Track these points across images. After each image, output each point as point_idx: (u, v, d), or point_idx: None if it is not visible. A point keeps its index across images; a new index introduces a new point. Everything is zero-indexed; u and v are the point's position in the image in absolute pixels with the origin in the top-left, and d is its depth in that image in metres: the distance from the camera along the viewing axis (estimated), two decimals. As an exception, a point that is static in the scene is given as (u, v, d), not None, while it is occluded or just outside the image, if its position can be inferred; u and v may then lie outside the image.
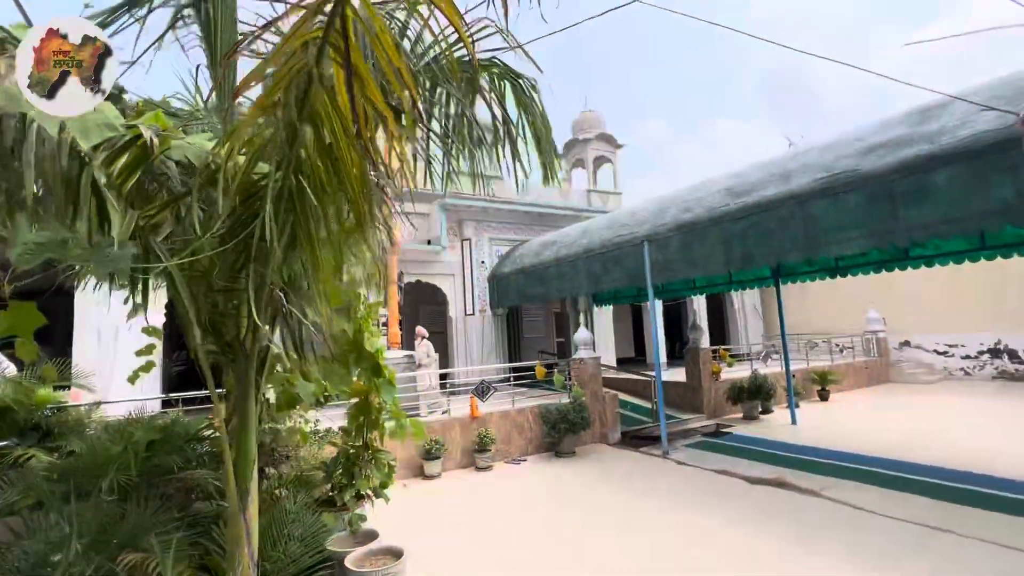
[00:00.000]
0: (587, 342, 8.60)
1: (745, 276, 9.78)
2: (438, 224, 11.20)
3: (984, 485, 5.26)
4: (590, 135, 18.37)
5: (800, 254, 5.74)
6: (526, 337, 16.31)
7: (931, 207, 4.67)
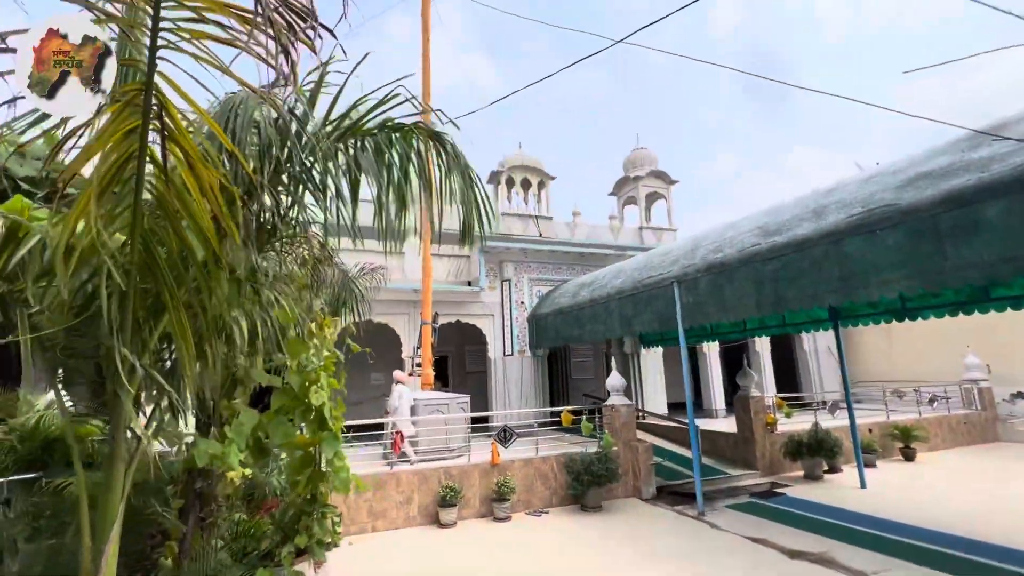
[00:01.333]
0: (619, 387, 8.19)
1: (798, 318, 8.96)
2: (477, 265, 11.39)
3: (1092, 583, 4.26)
4: (641, 172, 18.15)
5: (837, 297, 5.17)
6: (574, 379, 15.91)
7: (984, 244, 4.06)
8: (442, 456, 7.67)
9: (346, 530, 6.12)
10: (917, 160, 4.95)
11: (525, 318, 11.84)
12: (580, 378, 15.70)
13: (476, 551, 5.60)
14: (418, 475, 6.72)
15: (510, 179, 16.50)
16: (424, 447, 7.74)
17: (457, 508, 6.62)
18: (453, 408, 8.45)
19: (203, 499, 2.42)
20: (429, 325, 9.22)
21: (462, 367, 15.81)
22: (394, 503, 6.53)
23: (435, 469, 6.85)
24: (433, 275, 11.33)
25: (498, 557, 5.40)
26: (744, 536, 5.76)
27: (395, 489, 6.57)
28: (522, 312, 11.84)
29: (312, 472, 2.66)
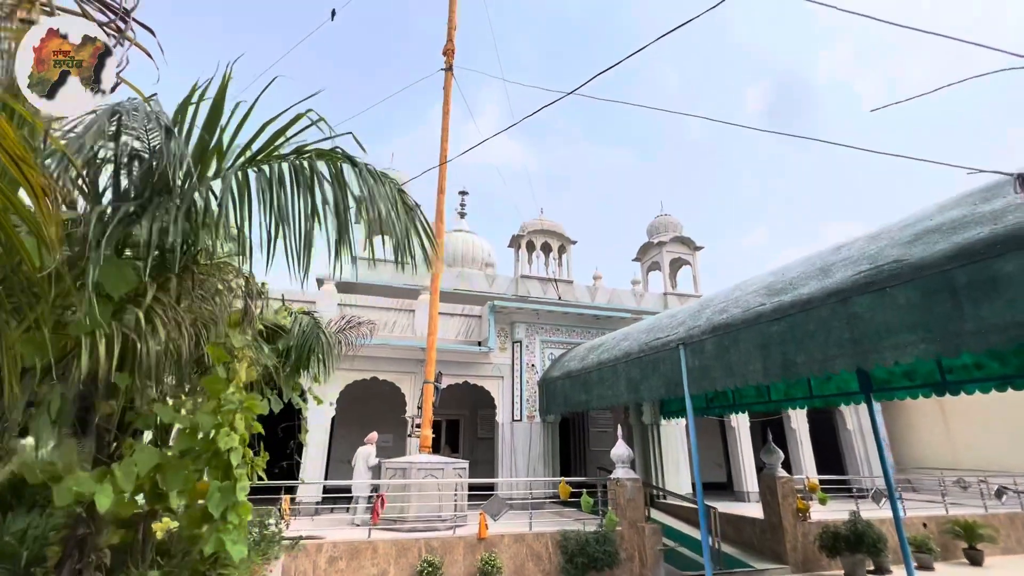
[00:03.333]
0: (625, 459, 7.57)
1: (827, 389, 8.19)
2: (487, 325, 11.23)
3: None
4: (665, 238, 18.06)
5: (848, 362, 4.66)
6: (592, 450, 15.00)
7: (1007, 304, 3.60)
8: (432, 526, 7.13)
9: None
10: (927, 215, 4.61)
11: (536, 381, 11.40)
12: (599, 449, 14.76)
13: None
14: (397, 545, 6.22)
15: (530, 243, 16.71)
16: (412, 515, 7.24)
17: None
18: (448, 474, 7.97)
19: (82, 550, 2.21)
20: (431, 384, 8.97)
21: (474, 432, 15.22)
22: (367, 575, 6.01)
23: (415, 540, 6.34)
24: (442, 333, 11.23)
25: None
26: (759, 645, 4.89)
27: (370, 560, 6.08)
28: (533, 375, 11.43)
29: (217, 528, 2.42)
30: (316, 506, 9.08)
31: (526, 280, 15.82)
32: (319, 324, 4.44)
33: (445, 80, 11.21)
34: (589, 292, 16.36)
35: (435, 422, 12.48)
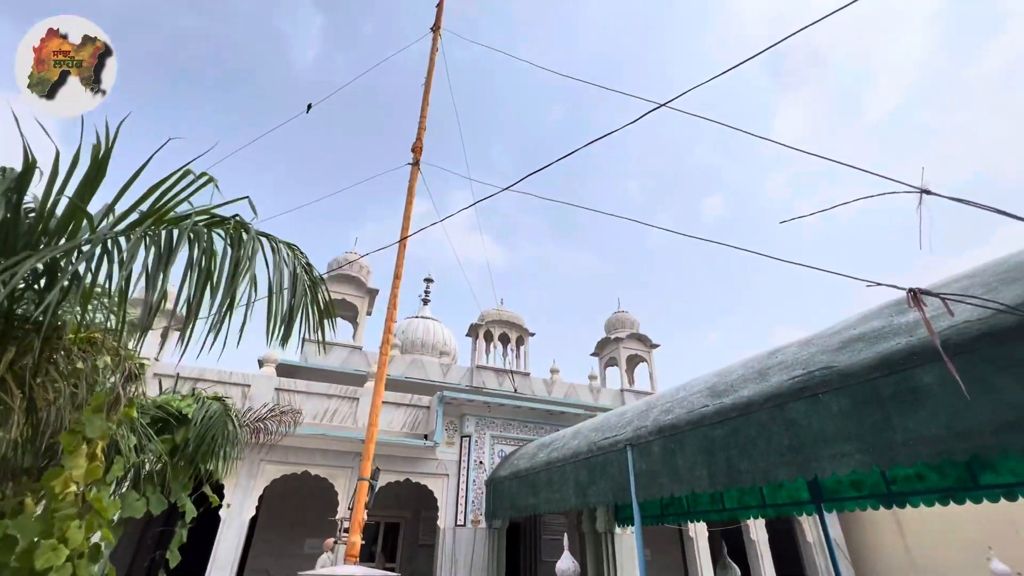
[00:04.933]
0: (570, 574, 6.88)
1: (780, 497, 7.95)
2: (435, 417, 10.68)
3: None
4: (622, 334, 18.33)
5: (789, 471, 4.53)
6: (544, 561, 13.80)
7: (929, 416, 3.63)
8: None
9: None
10: (851, 323, 4.79)
11: (484, 481, 10.66)
12: (551, 560, 13.57)
13: None
14: None
15: (488, 333, 16.60)
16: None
17: None
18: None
19: None
20: (366, 481, 8.21)
21: (415, 538, 13.83)
22: None
23: None
24: (386, 425, 10.59)
25: None
26: None
27: None
28: (481, 473, 10.71)
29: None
30: (216, 630, 7.74)
31: (482, 371, 15.47)
32: (228, 411, 4.03)
33: (411, 174, 11.69)
34: (546, 385, 16.07)
35: (371, 525, 11.35)
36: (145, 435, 3.26)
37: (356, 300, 14.86)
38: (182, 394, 4.19)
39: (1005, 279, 3.54)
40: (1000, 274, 3.65)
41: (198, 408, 4.04)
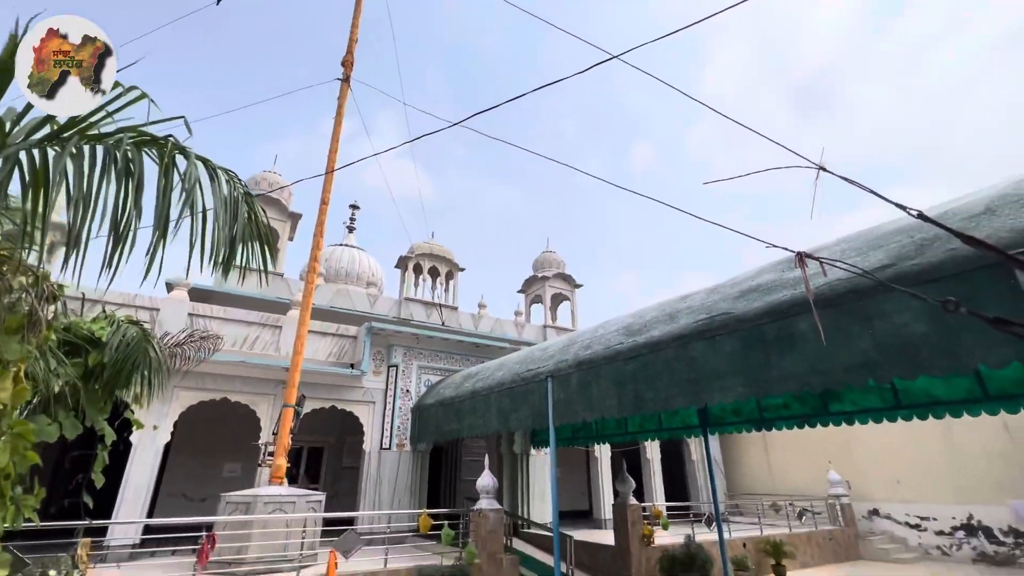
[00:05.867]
0: (490, 489, 7.60)
1: (674, 423, 9.10)
2: (362, 347, 10.73)
3: None
4: (548, 273, 18.96)
5: (685, 400, 5.24)
6: (464, 480, 14.82)
7: (800, 356, 4.33)
8: (274, 568, 6.43)
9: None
10: (750, 275, 5.43)
11: (410, 408, 11.07)
12: (471, 479, 14.63)
13: None
14: (226, 594, 5.50)
15: (418, 266, 16.49)
16: (252, 556, 6.47)
17: (269, 638, 5.39)
18: (300, 507, 7.32)
19: None
20: (292, 408, 8.25)
21: (339, 461, 14.24)
22: (185, 632, 5.20)
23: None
24: (311, 353, 10.50)
25: None
26: (597, 671, 5.10)
27: (190, 613, 5.28)
28: (407, 401, 11.09)
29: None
30: (133, 549, 7.72)
31: (410, 303, 15.51)
32: (148, 336, 3.86)
33: (341, 91, 10.85)
34: (473, 320, 16.51)
35: (295, 450, 11.48)
36: (55, 359, 3.08)
37: (277, 224, 14.01)
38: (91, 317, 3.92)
39: (872, 246, 4.18)
40: (869, 241, 4.29)
41: (112, 332, 3.82)
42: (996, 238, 3.26)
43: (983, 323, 3.33)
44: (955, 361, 3.39)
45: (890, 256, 3.90)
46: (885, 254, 3.95)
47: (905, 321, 3.68)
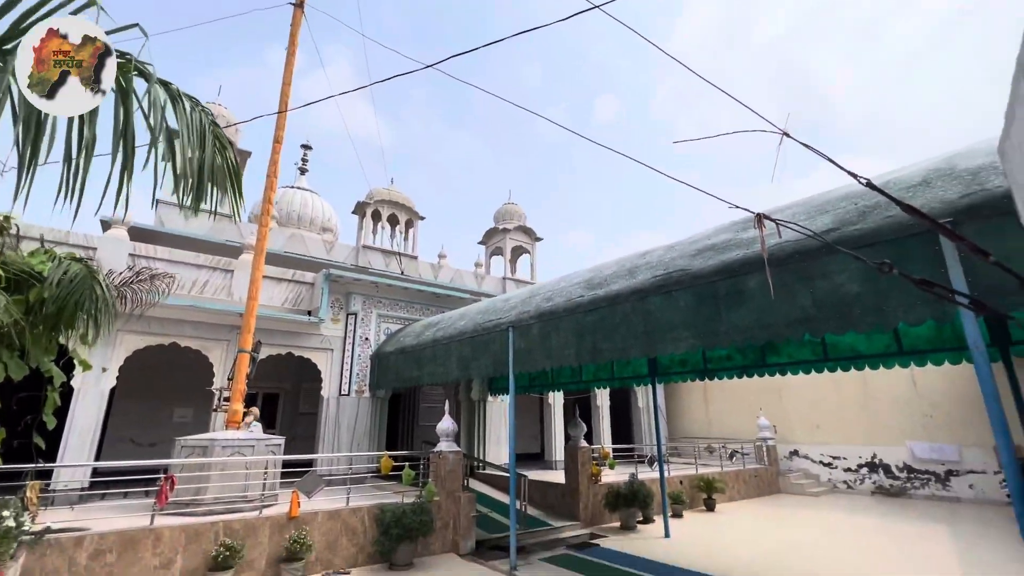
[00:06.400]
0: (450, 433, 7.87)
1: (625, 372, 9.63)
2: (320, 294, 10.52)
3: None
4: (510, 225, 18.92)
5: (639, 350, 5.56)
6: (422, 425, 15.20)
7: (747, 311, 4.66)
8: (235, 508, 6.50)
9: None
10: (707, 235, 5.68)
11: (369, 355, 11.09)
12: (428, 424, 15.04)
13: (239, 625, 4.65)
14: (187, 531, 5.56)
15: (377, 212, 16.04)
16: (211, 497, 6.52)
17: (233, 571, 5.55)
18: (260, 451, 7.35)
19: None
20: (247, 353, 8.09)
21: (295, 407, 14.23)
22: (147, 568, 5.26)
23: (212, 524, 5.74)
24: (266, 299, 10.22)
25: (264, 631, 4.52)
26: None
27: (151, 550, 5.33)
28: (366, 349, 11.09)
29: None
30: (81, 492, 7.57)
31: (368, 251, 15.19)
32: (94, 273, 3.64)
33: (293, 17, 10.00)
34: (433, 270, 16.41)
35: (250, 395, 11.35)
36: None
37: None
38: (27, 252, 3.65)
39: (820, 211, 4.46)
40: (817, 206, 4.57)
41: (54, 267, 3.58)
42: (928, 208, 3.57)
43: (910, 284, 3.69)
44: (881, 318, 3.76)
45: (836, 220, 4.18)
46: (831, 218, 4.23)
47: (842, 281, 4.02)
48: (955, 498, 11.74)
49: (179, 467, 6.46)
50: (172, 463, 6.47)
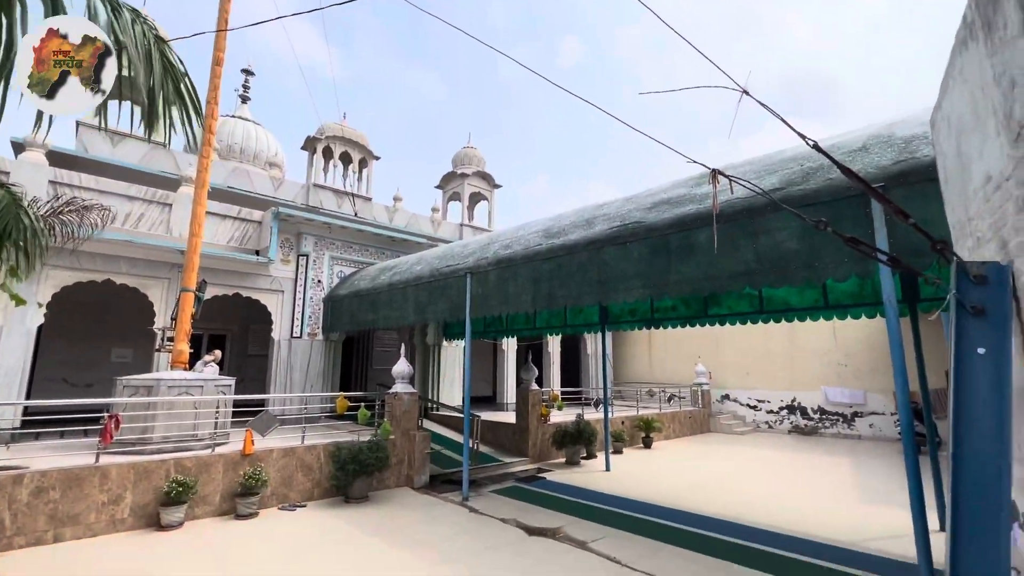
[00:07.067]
0: (405, 375, 8.01)
1: (577, 320, 10.01)
2: (269, 234, 10.08)
3: (737, 535, 5.48)
4: (468, 170, 18.50)
5: (593, 298, 5.79)
6: (375, 368, 15.31)
7: (695, 264, 4.92)
8: (185, 446, 6.45)
9: (7, 543, 4.68)
10: (663, 188, 5.84)
11: (321, 298, 10.89)
12: (382, 368, 15.17)
13: (194, 557, 4.76)
14: (136, 468, 5.51)
15: (328, 149, 15.23)
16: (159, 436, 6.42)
17: (186, 506, 5.60)
18: (209, 391, 7.22)
19: None
20: (191, 293, 7.75)
21: (243, 349, 13.91)
22: (94, 504, 5.21)
23: (162, 461, 5.70)
24: (209, 237, 9.71)
25: (221, 562, 4.66)
26: (497, 518, 6.05)
27: (98, 487, 5.26)
28: (318, 292, 10.87)
29: None
30: (13, 432, 7.25)
31: (319, 190, 14.52)
32: (18, 200, 3.35)
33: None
34: (388, 213, 15.96)
35: (196, 336, 10.96)
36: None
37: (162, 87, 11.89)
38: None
39: (769, 170, 4.67)
40: (767, 166, 4.78)
41: (-28, 194, 3.25)
42: (864, 172, 3.83)
43: (840, 243, 4.00)
44: (813, 273, 4.09)
45: (782, 180, 4.41)
46: (778, 178, 4.46)
47: (782, 239, 4.30)
48: (857, 436, 13.30)
49: (123, 406, 6.27)
50: (115, 402, 6.27)
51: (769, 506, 6.69)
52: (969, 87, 1.98)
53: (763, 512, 6.37)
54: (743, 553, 4.97)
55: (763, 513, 6.33)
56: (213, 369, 7.90)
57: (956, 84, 2.15)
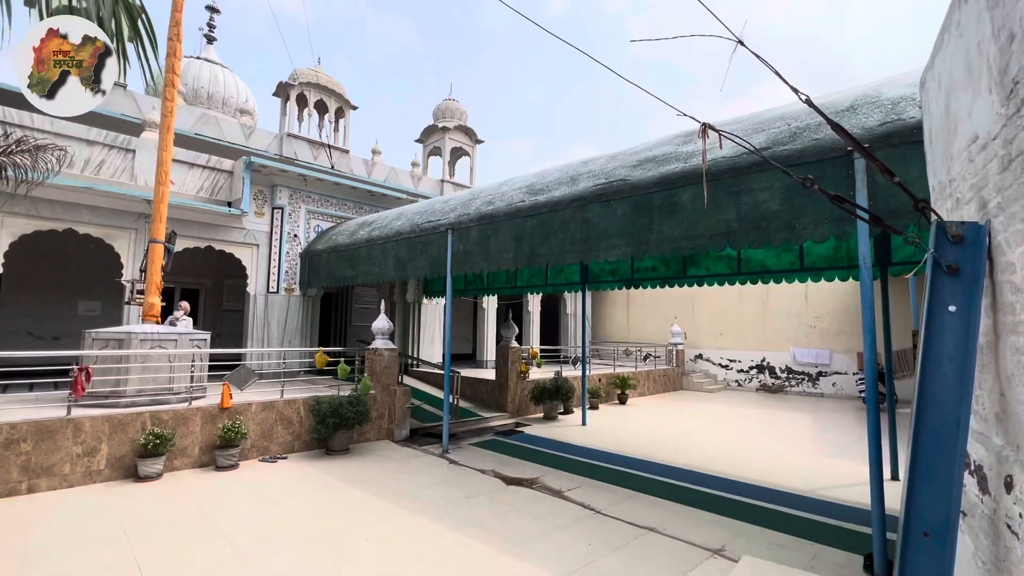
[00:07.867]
0: (385, 331, 7.99)
1: (558, 280, 10.05)
2: (241, 184, 9.69)
3: (702, 484, 5.78)
4: (449, 124, 17.93)
5: (575, 256, 5.78)
6: (354, 325, 15.25)
7: (677, 223, 4.92)
8: (160, 399, 6.38)
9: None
10: (649, 146, 5.76)
11: (298, 253, 10.65)
12: (361, 324, 15.13)
13: (173, 504, 4.80)
14: (110, 421, 5.44)
15: (302, 97, 14.52)
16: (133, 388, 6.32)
17: (164, 458, 5.59)
18: (183, 345, 7.09)
19: None
20: (161, 244, 7.47)
21: (218, 303, 13.64)
22: (68, 456, 5.17)
23: (137, 414, 5.64)
24: (178, 187, 9.29)
25: (200, 509, 4.71)
26: (475, 469, 6.22)
27: (72, 439, 5.20)
28: (295, 246, 10.61)
29: None
30: (-24, 386, 7.05)
31: (293, 140, 13.92)
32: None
33: None
34: (366, 166, 15.47)
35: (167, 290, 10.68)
36: None
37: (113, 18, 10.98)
38: None
39: (756, 129, 4.62)
40: (755, 125, 4.73)
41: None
42: (851, 133, 3.81)
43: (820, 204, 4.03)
44: (792, 234, 4.13)
45: (769, 140, 4.37)
46: (765, 137, 4.42)
47: (765, 199, 4.31)
48: (820, 394, 13.96)
49: (93, 359, 6.13)
50: (85, 355, 6.11)
51: (734, 458, 7.04)
52: (965, 42, 1.95)
53: (728, 464, 6.70)
54: (708, 500, 5.25)
55: (728, 464, 6.66)
56: (187, 322, 7.74)
57: (952, 39, 2.11)
